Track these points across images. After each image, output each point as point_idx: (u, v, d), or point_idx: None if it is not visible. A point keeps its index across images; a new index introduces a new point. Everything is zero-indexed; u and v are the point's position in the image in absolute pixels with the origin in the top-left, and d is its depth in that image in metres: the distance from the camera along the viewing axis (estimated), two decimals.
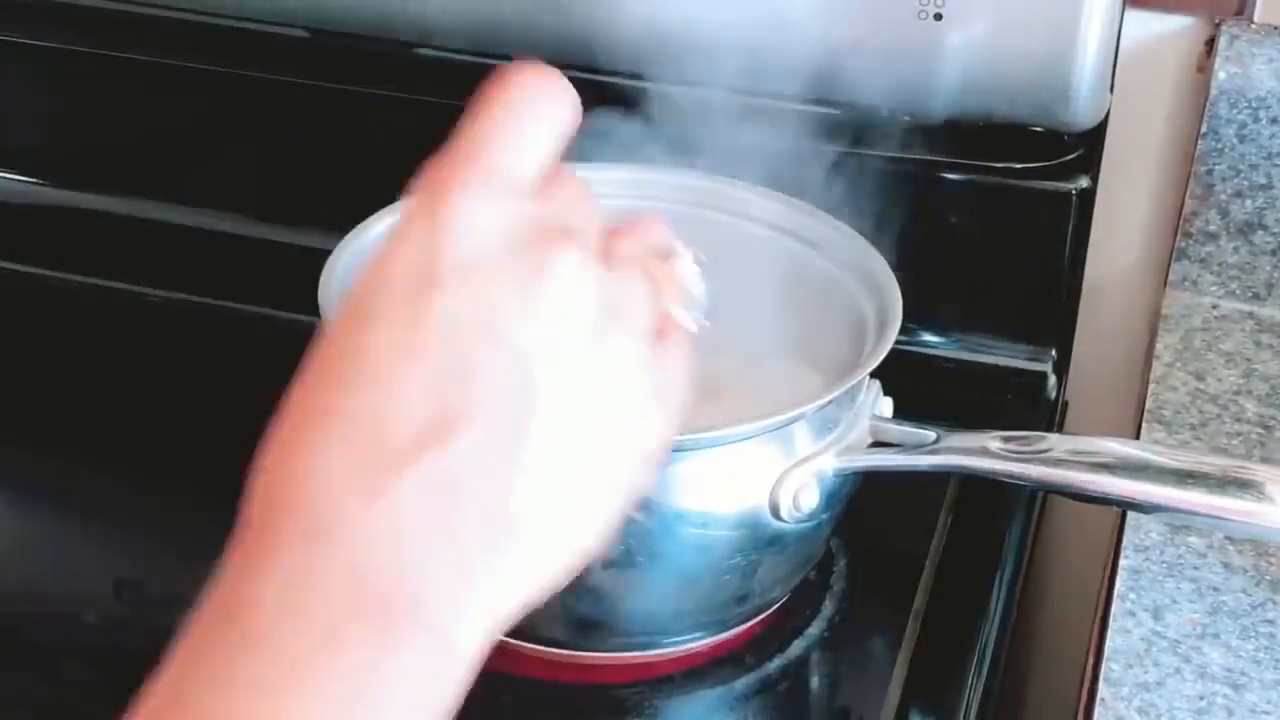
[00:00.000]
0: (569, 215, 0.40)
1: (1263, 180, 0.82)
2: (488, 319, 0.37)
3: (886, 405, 0.63)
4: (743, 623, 0.63)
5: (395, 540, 0.35)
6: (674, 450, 0.56)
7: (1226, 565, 0.65)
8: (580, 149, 0.74)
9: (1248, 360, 0.79)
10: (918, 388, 0.64)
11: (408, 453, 0.35)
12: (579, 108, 0.42)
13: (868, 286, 0.64)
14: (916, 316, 0.65)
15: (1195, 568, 0.65)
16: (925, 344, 0.82)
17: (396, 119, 0.85)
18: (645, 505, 0.56)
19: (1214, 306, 0.84)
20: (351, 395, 0.36)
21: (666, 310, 0.42)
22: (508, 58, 0.42)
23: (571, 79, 0.42)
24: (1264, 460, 0.72)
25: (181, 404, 0.79)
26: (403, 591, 0.35)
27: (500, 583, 0.38)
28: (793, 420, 0.58)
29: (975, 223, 0.80)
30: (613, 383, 0.39)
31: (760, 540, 0.58)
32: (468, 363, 0.36)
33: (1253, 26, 0.80)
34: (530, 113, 0.40)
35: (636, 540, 0.56)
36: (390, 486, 0.35)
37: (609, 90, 0.75)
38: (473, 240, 0.37)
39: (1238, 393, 0.77)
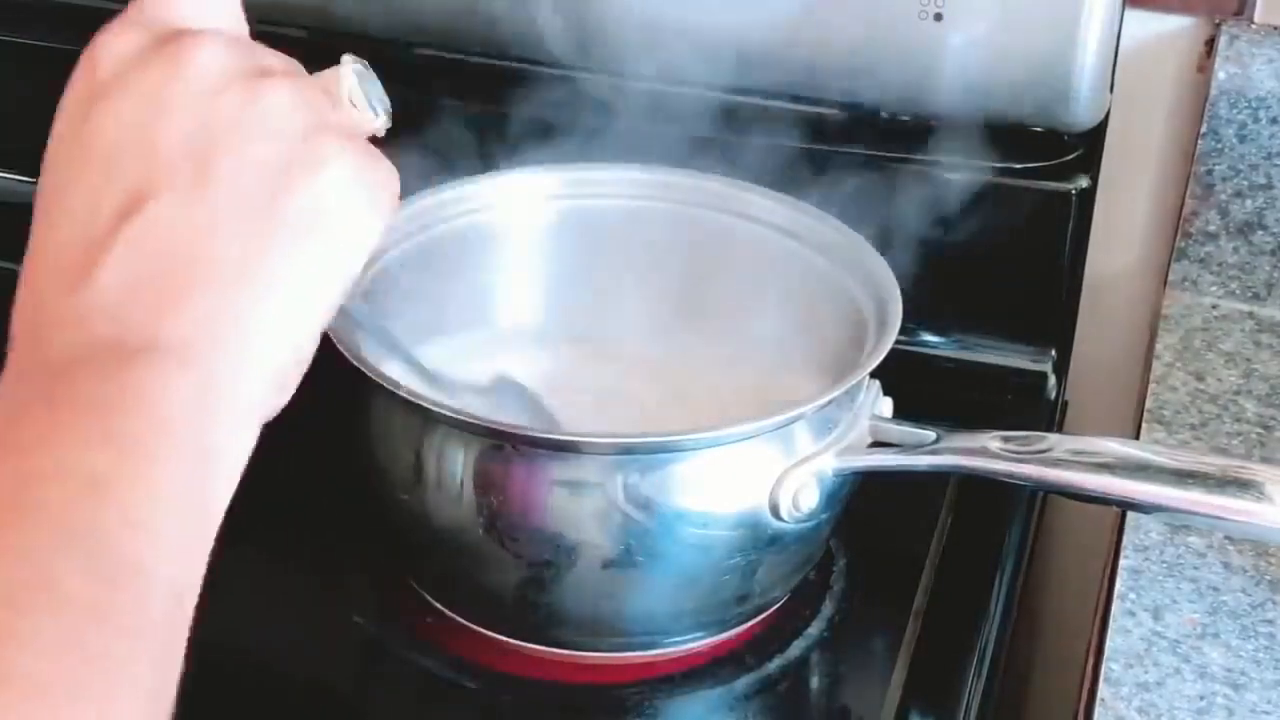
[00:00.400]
0: (207, 37, 0.43)
1: (1263, 180, 0.82)
2: (141, 106, 0.41)
3: (886, 405, 0.63)
4: (743, 623, 0.63)
5: (116, 308, 0.39)
6: (674, 450, 0.57)
7: (1226, 565, 0.65)
8: (580, 149, 0.75)
9: (1248, 360, 0.79)
10: (918, 388, 0.64)
11: (103, 239, 0.40)
12: None
13: (868, 286, 0.64)
14: (916, 316, 0.65)
15: (1195, 568, 0.65)
16: (925, 344, 0.82)
17: (395, 119, 0.85)
18: (645, 505, 0.56)
19: (1214, 306, 0.84)
20: (46, 222, 0.42)
21: (345, 111, 0.44)
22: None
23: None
24: (1264, 460, 0.72)
25: None
26: (132, 338, 0.38)
27: (235, 320, 0.40)
28: (792, 420, 0.58)
29: (975, 223, 0.80)
30: (282, 127, 0.42)
31: (760, 540, 0.58)
32: (135, 147, 0.41)
33: (1253, 26, 0.80)
34: None
35: (636, 540, 0.56)
36: (94, 270, 0.39)
37: (608, 90, 0.75)
38: (113, 57, 0.42)
39: (1238, 393, 0.77)
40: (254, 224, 0.40)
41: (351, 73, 0.44)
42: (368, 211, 0.43)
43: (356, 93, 0.44)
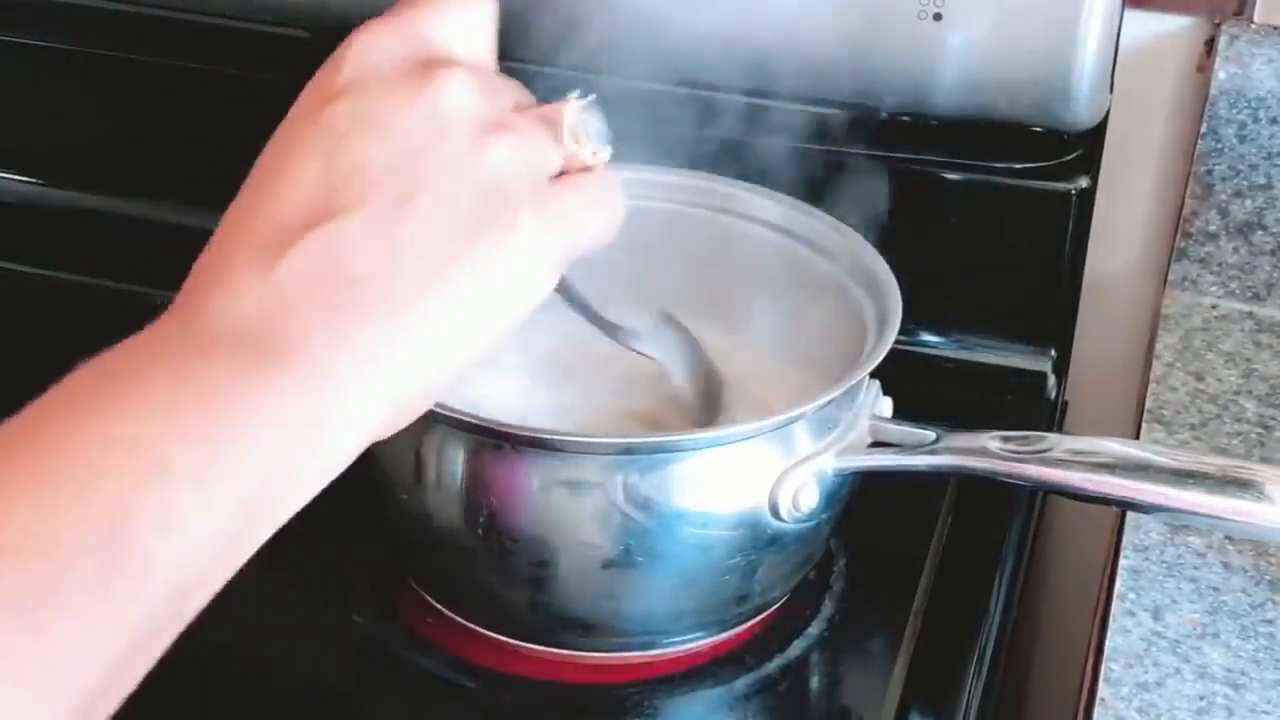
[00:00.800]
0: (471, 74, 0.44)
1: (1262, 180, 0.82)
2: (374, 118, 0.42)
3: (886, 405, 0.63)
4: (743, 623, 0.63)
5: (279, 304, 0.40)
6: (674, 450, 0.57)
7: (1226, 565, 0.65)
8: None
9: (1247, 360, 0.79)
10: (918, 388, 0.64)
11: (295, 232, 0.40)
12: (498, 8, 0.46)
13: (868, 286, 0.64)
14: (916, 316, 0.65)
15: (1195, 568, 0.65)
16: (925, 344, 0.82)
17: None
18: (645, 505, 0.56)
19: (1214, 306, 0.84)
20: (255, 193, 0.42)
21: (566, 147, 0.45)
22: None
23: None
24: (1264, 460, 0.72)
25: None
26: (278, 340, 0.39)
27: (383, 352, 0.41)
28: (792, 420, 0.58)
29: (975, 223, 0.80)
30: (494, 184, 0.42)
31: (760, 540, 0.58)
32: (353, 156, 0.41)
33: (1253, 26, 0.80)
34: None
35: (636, 540, 0.56)
36: (278, 259, 0.40)
37: (607, 90, 0.75)
38: (367, 60, 0.43)
39: (1237, 393, 0.77)
40: (429, 270, 0.41)
41: (575, 110, 0.45)
42: (532, 287, 0.44)
43: (578, 129, 0.45)
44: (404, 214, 0.41)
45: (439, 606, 0.63)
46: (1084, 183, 0.79)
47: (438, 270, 0.41)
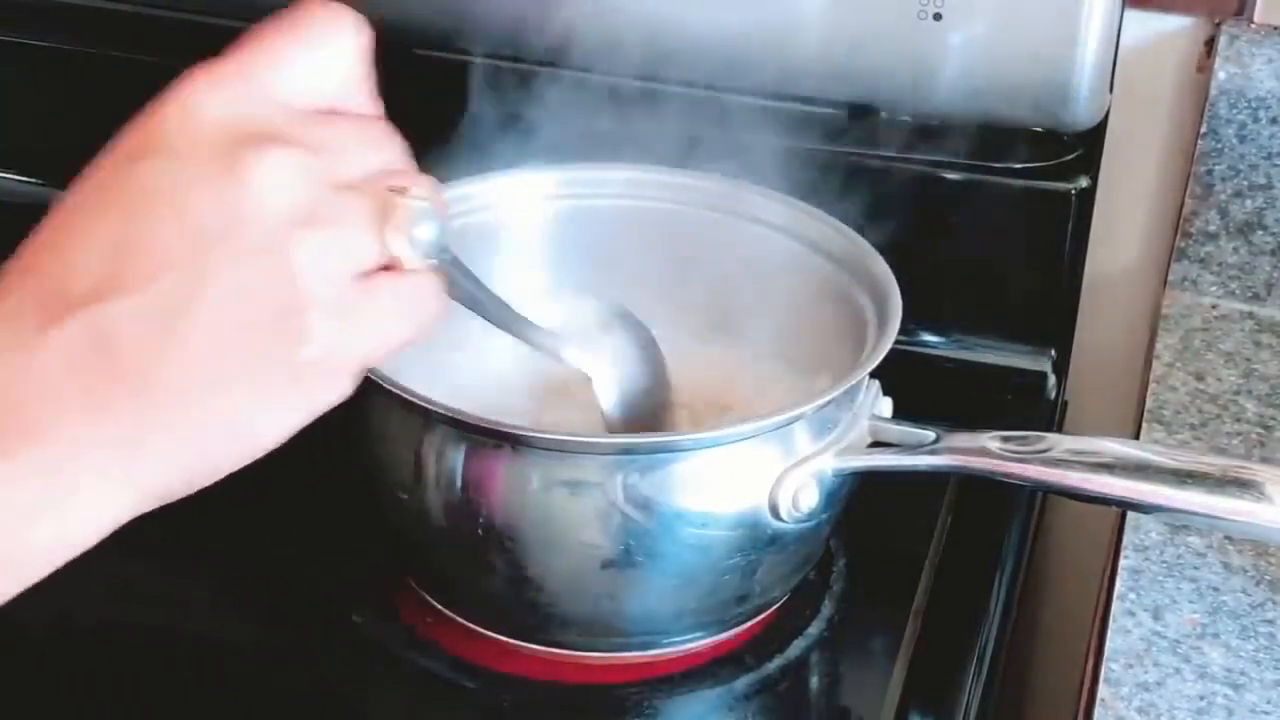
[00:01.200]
0: (325, 137, 0.40)
1: (1262, 180, 0.82)
2: (176, 194, 0.39)
3: (886, 405, 0.63)
4: (743, 623, 0.63)
5: (40, 376, 0.38)
6: (674, 450, 0.57)
7: (1226, 565, 0.65)
8: (580, 149, 0.75)
9: (1247, 360, 0.79)
10: (918, 388, 0.64)
11: (75, 301, 0.38)
12: (366, 43, 0.43)
13: (868, 286, 0.64)
14: (916, 316, 0.65)
15: (1195, 568, 0.65)
16: (925, 344, 0.82)
17: (395, 119, 0.85)
18: (645, 505, 0.56)
19: (1214, 306, 0.84)
20: (47, 244, 0.40)
21: (388, 246, 0.41)
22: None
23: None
24: (1264, 460, 0.72)
25: None
26: (29, 418, 0.38)
27: (137, 451, 0.39)
28: (792, 420, 0.58)
29: (975, 223, 0.80)
30: (290, 288, 0.39)
31: (760, 540, 0.58)
32: (147, 231, 0.39)
33: (1253, 26, 0.80)
34: (307, 37, 0.41)
35: (636, 540, 0.56)
36: (51, 325, 0.38)
37: (607, 91, 0.75)
38: (187, 118, 0.39)
39: (1237, 393, 0.77)
40: (203, 370, 0.39)
41: (410, 210, 0.41)
42: (318, 397, 0.41)
43: (410, 230, 0.41)
44: (187, 307, 0.38)
45: (439, 606, 0.63)
46: (1084, 183, 0.79)
47: (213, 372, 0.39)
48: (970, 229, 0.80)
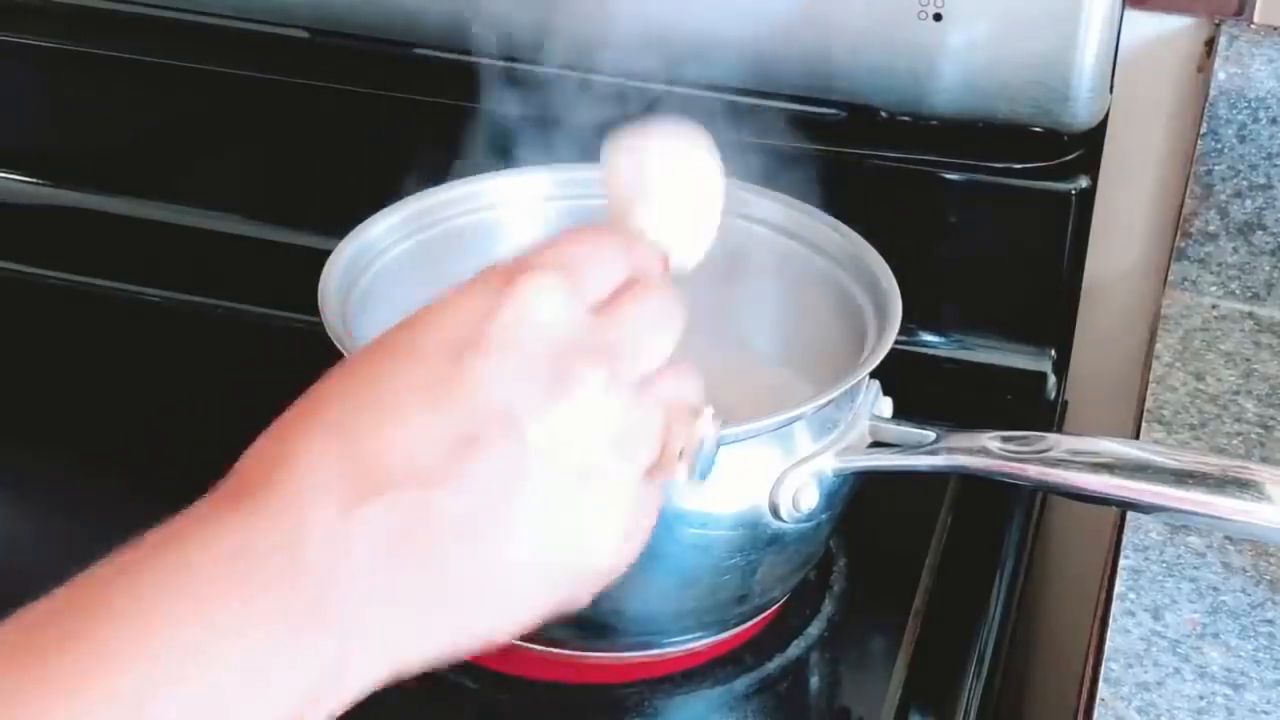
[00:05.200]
0: (623, 336, 0.42)
1: (1262, 180, 0.82)
2: (508, 402, 0.39)
3: (886, 405, 0.63)
4: (742, 623, 0.63)
5: (344, 555, 0.37)
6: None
7: (1226, 565, 0.65)
8: (580, 149, 0.74)
9: (1247, 360, 0.79)
10: (918, 388, 0.64)
11: (390, 484, 0.38)
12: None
13: (868, 286, 0.64)
14: (916, 316, 0.65)
15: (1195, 568, 0.65)
16: (925, 344, 0.82)
17: (396, 119, 0.85)
18: None
19: (1213, 306, 0.84)
20: (363, 413, 0.39)
21: (671, 457, 0.43)
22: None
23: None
24: (1264, 460, 0.72)
25: (181, 404, 0.78)
26: (318, 595, 0.37)
27: (411, 633, 0.39)
28: (792, 420, 0.58)
29: (975, 223, 0.80)
30: (596, 505, 0.41)
31: (760, 540, 0.58)
32: (476, 431, 0.38)
33: (1253, 27, 0.80)
34: (617, 248, 0.44)
35: None
36: (362, 507, 0.37)
37: (608, 91, 0.75)
38: (526, 323, 0.40)
39: (1237, 393, 0.77)
40: (497, 580, 0.40)
41: (710, 439, 0.44)
42: (591, 586, 0.43)
43: (695, 447, 0.44)
44: (497, 513, 0.39)
45: None
46: (1084, 183, 0.79)
47: (500, 572, 0.40)
48: (970, 229, 0.80)
